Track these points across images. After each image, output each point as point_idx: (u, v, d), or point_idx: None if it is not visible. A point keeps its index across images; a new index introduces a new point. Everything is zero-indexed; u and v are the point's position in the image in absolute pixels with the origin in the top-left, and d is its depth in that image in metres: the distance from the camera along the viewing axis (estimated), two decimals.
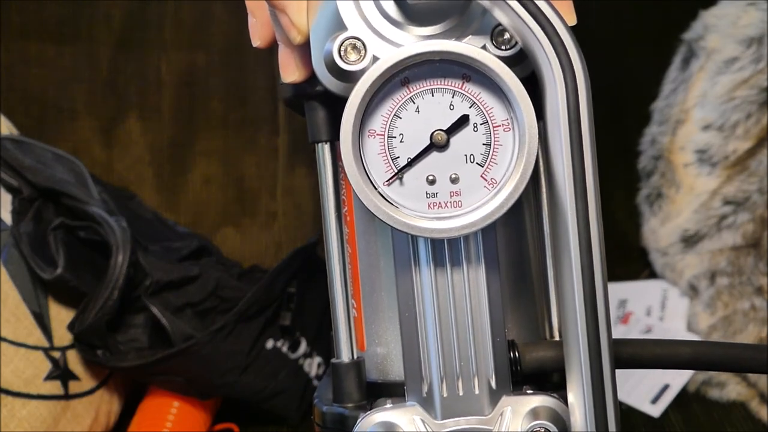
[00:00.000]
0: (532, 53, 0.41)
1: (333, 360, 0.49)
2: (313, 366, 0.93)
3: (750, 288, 0.98)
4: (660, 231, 1.03)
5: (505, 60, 0.43)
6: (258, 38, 0.49)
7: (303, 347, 0.92)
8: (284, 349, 0.90)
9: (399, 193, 0.44)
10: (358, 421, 0.46)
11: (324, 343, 0.94)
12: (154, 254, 0.88)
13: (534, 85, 0.42)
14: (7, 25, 0.99)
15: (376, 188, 0.44)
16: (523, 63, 0.43)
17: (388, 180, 0.44)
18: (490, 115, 0.43)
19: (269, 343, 0.89)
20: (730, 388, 0.93)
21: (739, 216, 0.98)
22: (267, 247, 1.04)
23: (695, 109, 1.00)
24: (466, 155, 0.44)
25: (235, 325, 0.86)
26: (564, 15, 0.41)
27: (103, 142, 1.01)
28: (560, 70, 0.41)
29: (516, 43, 0.43)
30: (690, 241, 1.01)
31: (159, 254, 0.90)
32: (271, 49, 0.49)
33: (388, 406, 0.46)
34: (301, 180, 1.03)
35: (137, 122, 1.01)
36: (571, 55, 0.40)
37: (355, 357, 0.49)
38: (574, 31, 0.41)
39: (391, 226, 0.43)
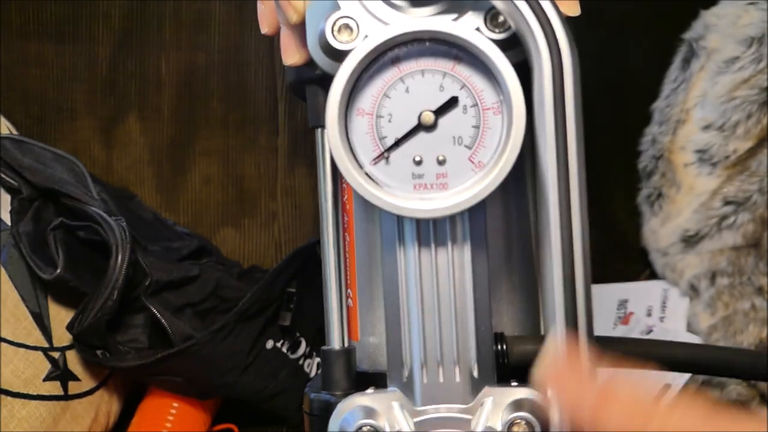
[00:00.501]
0: (522, 34, 0.41)
1: (323, 347, 0.49)
2: (313, 366, 0.93)
3: (750, 288, 0.98)
4: (660, 231, 1.03)
5: (499, 43, 0.43)
6: (266, 25, 0.50)
7: (303, 347, 0.92)
8: (284, 349, 0.90)
9: (385, 173, 0.44)
10: (338, 405, 0.46)
11: (324, 343, 0.94)
12: (154, 254, 0.88)
13: (526, 74, 0.42)
14: (7, 25, 0.99)
15: (361, 167, 0.43)
16: (516, 48, 0.43)
17: (374, 159, 0.44)
18: (480, 97, 0.43)
19: (269, 344, 0.89)
20: (731, 388, 0.93)
21: (739, 216, 0.98)
22: (267, 247, 1.04)
23: (695, 109, 1.00)
24: (454, 137, 0.44)
25: (235, 325, 0.86)
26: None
27: (103, 142, 1.01)
28: (547, 49, 0.41)
29: (509, 26, 0.43)
30: (690, 241, 1.01)
31: (159, 254, 0.89)
32: (272, 48, 0.50)
33: (369, 391, 0.46)
34: (301, 180, 1.03)
35: (137, 122, 1.02)
36: (558, 36, 0.41)
37: (346, 345, 0.49)
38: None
39: (377, 206, 0.43)
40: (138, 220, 0.94)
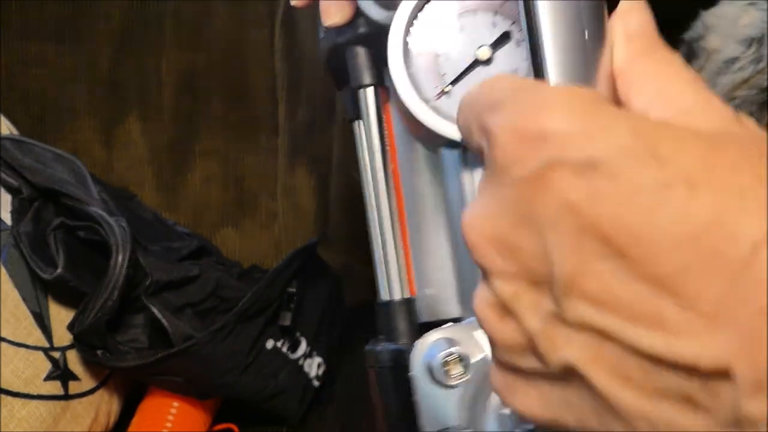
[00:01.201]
0: None
1: (381, 299, 0.49)
2: (313, 366, 0.93)
3: None
4: None
5: None
6: None
7: (303, 347, 0.92)
8: (284, 349, 0.90)
9: (449, 106, 0.46)
10: (416, 343, 0.46)
11: (324, 343, 0.94)
12: (154, 254, 0.88)
13: None
14: (7, 25, 0.99)
15: (427, 103, 0.46)
16: None
17: (437, 95, 0.46)
18: None
19: (269, 343, 0.89)
20: None
21: None
22: (267, 247, 1.04)
23: None
24: (510, 70, 0.46)
25: (235, 325, 0.86)
26: None
27: (103, 142, 1.01)
28: None
29: None
30: None
31: (159, 254, 0.89)
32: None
33: (447, 325, 0.47)
34: (301, 180, 1.03)
35: (137, 122, 1.01)
36: None
37: (405, 296, 0.49)
38: None
39: (445, 138, 0.45)
40: (138, 220, 0.94)
